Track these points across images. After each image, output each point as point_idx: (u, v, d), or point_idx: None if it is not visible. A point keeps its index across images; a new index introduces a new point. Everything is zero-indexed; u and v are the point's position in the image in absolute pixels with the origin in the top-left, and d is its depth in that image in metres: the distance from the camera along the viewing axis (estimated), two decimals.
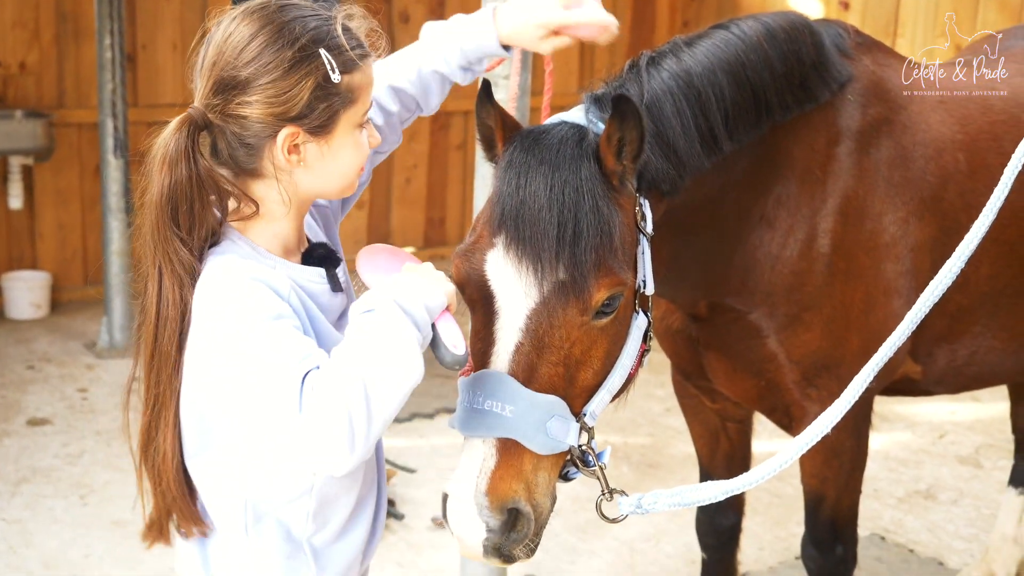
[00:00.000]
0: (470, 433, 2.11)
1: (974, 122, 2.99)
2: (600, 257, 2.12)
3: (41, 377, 6.31)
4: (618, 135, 2.18)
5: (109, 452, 5.30)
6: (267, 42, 2.00)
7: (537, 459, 2.12)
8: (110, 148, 6.60)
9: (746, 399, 3.02)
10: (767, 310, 2.81)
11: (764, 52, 2.60)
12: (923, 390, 3.21)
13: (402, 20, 8.58)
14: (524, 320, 2.12)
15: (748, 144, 2.61)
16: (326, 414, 1.79)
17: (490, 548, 2.10)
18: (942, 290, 2.04)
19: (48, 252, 7.57)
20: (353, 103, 2.04)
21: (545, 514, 2.17)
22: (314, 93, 1.99)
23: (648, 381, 6.34)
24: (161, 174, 2.04)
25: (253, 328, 1.88)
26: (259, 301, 1.92)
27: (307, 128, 2.00)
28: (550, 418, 2.10)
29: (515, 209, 2.13)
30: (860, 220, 2.80)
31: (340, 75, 2.00)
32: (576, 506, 4.92)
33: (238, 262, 2.00)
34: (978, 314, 3.02)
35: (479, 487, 2.08)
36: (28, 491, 4.94)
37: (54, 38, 7.37)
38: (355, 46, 2.05)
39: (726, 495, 2.18)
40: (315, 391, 1.80)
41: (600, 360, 2.20)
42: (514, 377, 2.10)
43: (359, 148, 2.09)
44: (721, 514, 3.51)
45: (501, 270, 2.15)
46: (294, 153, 2.02)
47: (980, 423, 6.05)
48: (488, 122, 2.32)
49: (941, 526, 4.90)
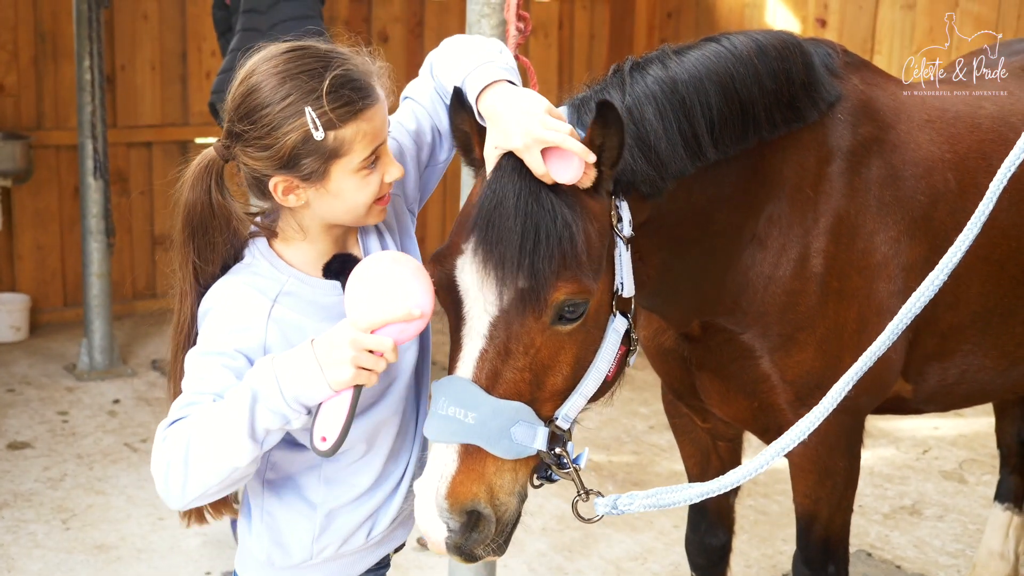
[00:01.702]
0: (434, 438, 2.15)
1: (962, 141, 3.00)
2: (559, 264, 2.13)
3: (21, 400, 6.25)
4: (600, 141, 2.19)
5: (91, 475, 5.26)
6: (264, 99, 2.12)
7: (501, 462, 2.15)
8: (89, 170, 6.56)
9: (739, 419, 3.02)
10: (760, 330, 2.81)
11: (754, 67, 2.61)
12: (913, 408, 3.22)
13: (381, 40, 8.59)
14: (488, 327, 2.16)
15: (736, 159, 2.61)
16: (155, 461, 2.03)
17: (452, 547, 2.15)
18: (926, 299, 2.05)
19: (27, 274, 7.51)
20: (343, 155, 2.13)
21: (509, 513, 2.19)
22: (297, 149, 2.11)
23: (632, 399, 6.34)
24: (181, 205, 2.22)
25: (193, 353, 2.12)
26: (216, 329, 2.13)
27: (299, 176, 2.14)
28: (514, 424, 2.13)
29: (484, 214, 2.16)
30: (852, 239, 2.80)
31: (324, 132, 2.10)
32: (562, 525, 4.91)
33: (232, 287, 2.18)
34: (969, 332, 3.03)
35: (439, 491, 2.13)
36: (9, 516, 4.89)
37: (32, 59, 7.34)
38: (345, 103, 2.11)
39: (701, 497, 2.19)
40: (162, 439, 2.03)
41: (569, 365, 2.21)
42: (477, 383, 2.14)
43: (364, 187, 2.18)
44: (711, 533, 3.50)
45: (467, 276, 2.18)
46: (291, 194, 2.16)
47: (963, 438, 6.08)
48: (463, 127, 2.34)
49: (927, 542, 4.91)
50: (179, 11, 7.78)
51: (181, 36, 7.82)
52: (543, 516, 4.99)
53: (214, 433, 1.98)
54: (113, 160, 7.22)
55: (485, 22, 3.34)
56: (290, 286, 2.20)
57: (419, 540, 4.70)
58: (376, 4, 8.57)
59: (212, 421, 1.98)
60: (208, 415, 2.00)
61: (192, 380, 2.09)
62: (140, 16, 7.64)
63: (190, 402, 2.05)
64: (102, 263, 6.68)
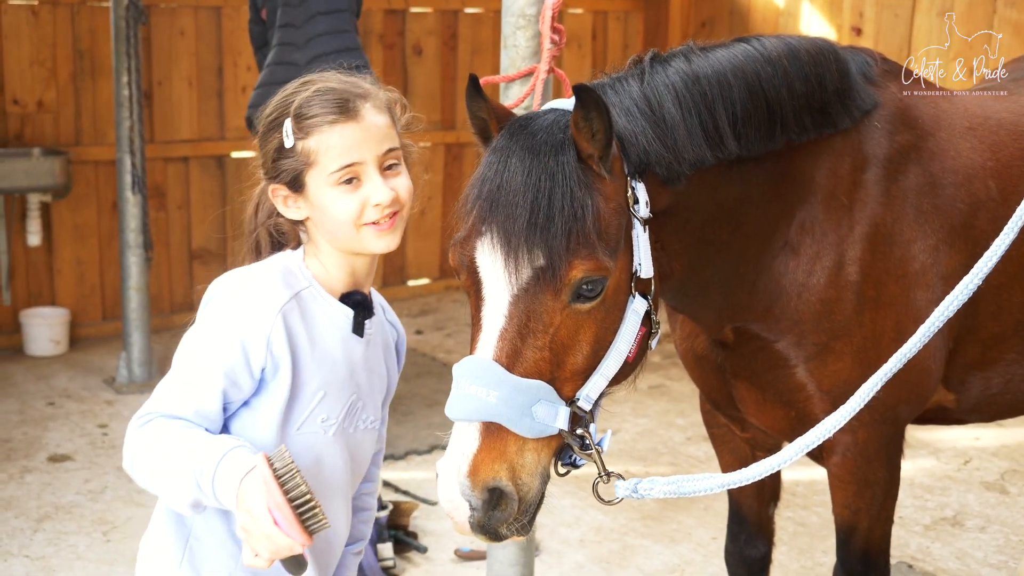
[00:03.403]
0: (456, 417, 2.17)
1: (1005, 149, 2.96)
2: (573, 240, 2.16)
3: (62, 413, 6.31)
4: (586, 124, 2.21)
5: (131, 488, 5.28)
6: (263, 114, 2.34)
7: (523, 441, 2.17)
8: (128, 184, 6.62)
9: (776, 430, 3.00)
10: (794, 339, 2.79)
11: (784, 68, 2.61)
12: (957, 419, 3.18)
13: (415, 52, 8.63)
14: (507, 306, 2.18)
15: (765, 159, 2.61)
16: (125, 447, 2.17)
17: (475, 525, 2.16)
18: (959, 304, 2.06)
19: (66, 288, 7.59)
20: (312, 165, 2.26)
21: (532, 493, 2.20)
22: (273, 156, 2.29)
23: (669, 411, 6.32)
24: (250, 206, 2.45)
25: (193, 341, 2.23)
26: (226, 310, 2.22)
27: (285, 184, 2.30)
28: (536, 402, 2.15)
29: (495, 194, 2.20)
30: (889, 247, 2.78)
31: (295, 140, 2.25)
32: (600, 536, 4.90)
33: (256, 271, 2.32)
34: (1012, 342, 2.99)
35: (461, 469, 2.14)
36: (51, 528, 4.93)
37: (71, 76, 7.42)
38: (316, 113, 2.25)
39: (722, 488, 2.23)
40: (134, 433, 2.15)
41: (588, 344, 2.23)
42: (499, 363, 2.16)
43: (341, 202, 2.26)
44: (750, 545, 3.47)
45: (485, 257, 2.22)
46: (287, 204, 2.32)
47: (1005, 448, 6.01)
48: (480, 115, 2.39)
49: (969, 553, 4.86)
50: (215, 27, 7.85)
51: (217, 51, 7.89)
52: (581, 528, 4.98)
53: (166, 472, 2.09)
54: (151, 175, 7.29)
55: (520, 34, 3.34)
56: (309, 294, 2.31)
57: (457, 551, 4.71)
58: (410, 18, 8.61)
59: (168, 460, 2.09)
60: (169, 453, 2.09)
61: (180, 378, 2.19)
62: (177, 32, 7.71)
63: (169, 411, 2.15)
64: (140, 277, 6.74)
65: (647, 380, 6.86)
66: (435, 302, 8.81)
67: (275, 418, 2.25)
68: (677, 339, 3.14)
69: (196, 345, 2.22)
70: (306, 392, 2.29)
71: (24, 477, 5.44)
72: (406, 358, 2.65)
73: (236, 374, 2.20)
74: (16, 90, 7.26)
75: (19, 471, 5.50)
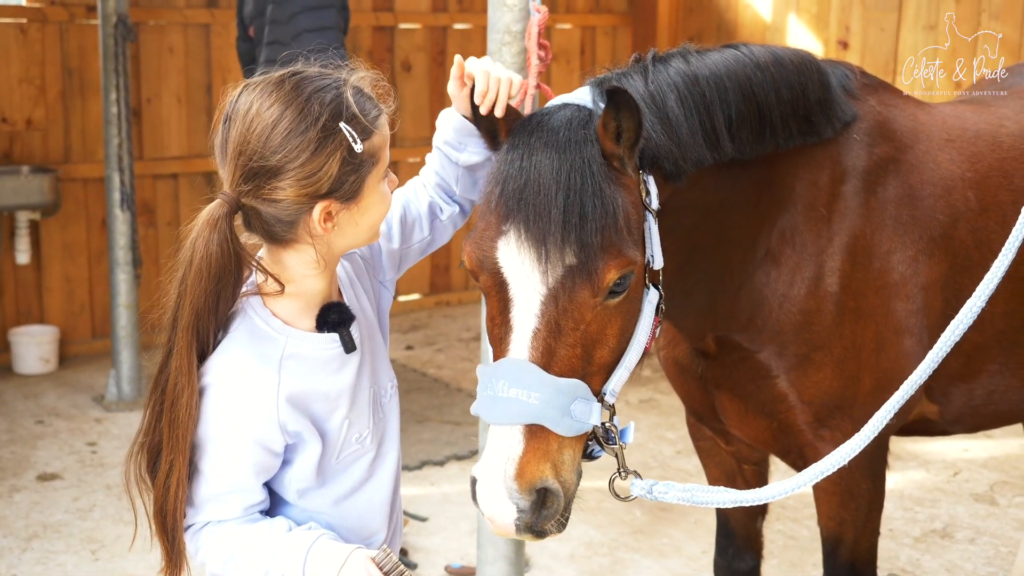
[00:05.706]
0: (498, 421, 2.16)
1: (983, 160, 2.99)
2: (607, 238, 2.17)
3: (50, 432, 6.29)
4: (614, 124, 2.22)
5: (120, 506, 5.27)
6: (291, 127, 2.07)
7: (561, 439, 2.18)
8: (117, 202, 6.62)
9: (759, 441, 3.01)
10: (776, 349, 2.81)
11: (771, 74, 2.64)
12: (940, 430, 3.19)
13: (404, 69, 8.65)
14: (539, 306, 2.18)
15: (750, 165, 2.64)
16: (205, 555, 2.24)
17: (523, 527, 2.16)
18: (964, 328, 2.07)
19: (56, 306, 7.58)
20: (376, 164, 2.15)
21: (573, 489, 2.22)
22: (342, 168, 2.09)
23: (659, 424, 6.32)
24: (197, 261, 2.13)
25: (210, 440, 2.15)
26: (225, 417, 2.14)
27: (338, 198, 2.11)
28: (574, 401, 2.16)
29: (520, 192, 2.18)
30: (868, 259, 2.80)
31: (361, 144, 2.10)
32: (590, 551, 4.90)
33: (234, 362, 2.15)
34: (994, 352, 3.00)
35: (507, 473, 2.13)
36: (39, 547, 4.91)
37: (60, 94, 7.42)
38: (368, 110, 2.14)
39: (734, 503, 2.25)
40: (206, 539, 2.21)
41: (616, 338, 2.26)
42: (535, 363, 2.16)
43: (384, 200, 2.22)
44: (739, 558, 3.48)
45: (512, 256, 2.19)
46: (329, 221, 2.13)
47: (994, 460, 6.02)
48: (489, 117, 2.38)
49: (959, 565, 4.86)
50: (204, 44, 7.86)
51: (206, 68, 7.90)
52: (571, 542, 4.97)
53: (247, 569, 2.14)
54: (140, 192, 7.29)
55: (506, 50, 3.36)
56: (291, 347, 2.17)
57: (447, 568, 4.70)
58: (399, 34, 8.64)
59: (242, 568, 2.15)
60: (241, 562, 2.15)
61: (213, 486, 2.17)
62: (166, 49, 7.72)
63: (218, 517, 2.19)
64: (129, 294, 6.72)
65: (637, 394, 6.87)
66: (425, 318, 8.81)
67: (313, 464, 2.23)
68: (659, 346, 3.16)
69: (215, 456, 2.15)
70: (333, 432, 2.25)
71: (12, 496, 5.42)
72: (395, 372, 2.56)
73: (264, 464, 2.18)
74: (5, 108, 7.27)
75: (7, 490, 5.48)
